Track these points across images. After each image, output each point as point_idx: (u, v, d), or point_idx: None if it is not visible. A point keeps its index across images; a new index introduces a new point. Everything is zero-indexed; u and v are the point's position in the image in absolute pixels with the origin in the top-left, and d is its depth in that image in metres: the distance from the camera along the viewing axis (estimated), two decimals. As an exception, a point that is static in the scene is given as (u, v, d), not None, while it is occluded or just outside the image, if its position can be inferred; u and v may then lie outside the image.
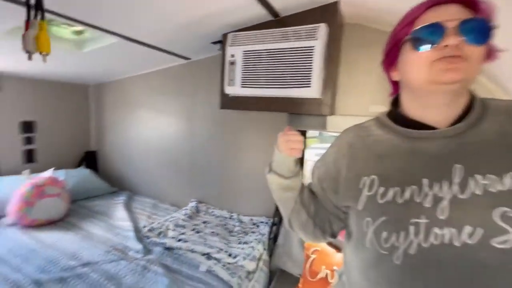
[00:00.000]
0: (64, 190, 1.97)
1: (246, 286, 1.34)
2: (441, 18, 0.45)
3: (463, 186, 0.45)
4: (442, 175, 0.47)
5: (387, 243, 0.48)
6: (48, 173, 1.95)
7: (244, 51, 1.36)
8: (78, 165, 2.70)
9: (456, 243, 0.43)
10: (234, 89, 1.45)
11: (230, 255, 1.48)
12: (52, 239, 1.62)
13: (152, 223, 1.85)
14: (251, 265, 1.42)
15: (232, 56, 1.41)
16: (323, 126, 1.55)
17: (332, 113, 1.43)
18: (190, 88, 2.16)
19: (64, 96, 2.57)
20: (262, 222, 1.88)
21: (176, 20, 1.34)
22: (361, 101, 1.43)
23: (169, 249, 1.56)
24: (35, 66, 2.03)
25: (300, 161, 1.82)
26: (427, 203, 0.46)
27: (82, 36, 1.67)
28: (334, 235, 0.69)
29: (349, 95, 1.46)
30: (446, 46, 0.44)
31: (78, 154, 2.74)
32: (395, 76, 0.56)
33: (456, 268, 0.43)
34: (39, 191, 1.81)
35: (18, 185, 1.82)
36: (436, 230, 0.45)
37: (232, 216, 2.00)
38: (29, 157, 2.34)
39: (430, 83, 0.47)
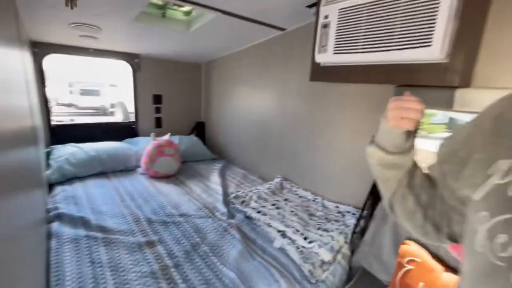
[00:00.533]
0: (177, 152, 2.39)
1: (319, 276, 1.23)
2: None
3: None
4: None
5: (504, 251, 0.35)
6: (166, 137, 2.40)
7: (340, 9, 1.13)
8: (190, 133, 3.21)
9: None
10: (326, 57, 1.25)
11: (305, 238, 1.39)
12: (165, 189, 2.02)
13: (238, 191, 1.99)
14: (327, 255, 1.29)
15: (326, 17, 1.20)
16: (448, 104, 1.12)
17: (465, 84, 1.00)
18: (283, 61, 2.08)
19: (182, 74, 3.06)
20: (348, 212, 1.67)
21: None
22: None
23: (249, 218, 1.63)
24: (160, 48, 2.46)
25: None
26: None
27: (190, 16, 1.86)
28: (453, 238, 0.51)
29: (502, 58, 0.97)
30: None
31: (190, 123, 3.26)
32: None
33: None
34: (160, 151, 2.26)
35: (148, 144, 2.34)
36: None
37: (315, 199, 1.88)
38: (158, 123, 2.99)
39: None
